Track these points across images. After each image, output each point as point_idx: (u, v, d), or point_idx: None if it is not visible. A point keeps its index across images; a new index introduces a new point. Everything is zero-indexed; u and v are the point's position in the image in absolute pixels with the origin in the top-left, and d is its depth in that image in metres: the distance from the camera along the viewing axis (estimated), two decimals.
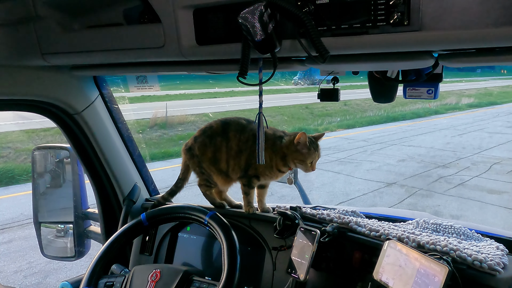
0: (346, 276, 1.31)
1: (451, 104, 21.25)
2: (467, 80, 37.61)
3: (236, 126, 1.49)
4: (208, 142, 1.51)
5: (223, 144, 1.49)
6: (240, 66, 0.90)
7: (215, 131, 1.51)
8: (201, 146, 1.52)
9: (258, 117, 1.07)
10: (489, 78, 40.51)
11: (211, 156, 1.52)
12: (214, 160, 1.52)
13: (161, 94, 19.15)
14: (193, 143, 1.55)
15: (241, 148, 1.48)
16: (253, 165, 1.47)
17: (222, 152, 1.50)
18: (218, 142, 1.50)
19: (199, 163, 1.55)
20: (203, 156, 1.53)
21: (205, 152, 1.52)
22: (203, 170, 1.56)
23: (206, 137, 1.52)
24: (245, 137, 1.47)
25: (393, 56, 0.90)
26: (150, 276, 1.27)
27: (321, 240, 1.29)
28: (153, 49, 1.03)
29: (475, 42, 0.76)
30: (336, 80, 1.35)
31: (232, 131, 1.49)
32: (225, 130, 1.50)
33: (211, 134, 1.51)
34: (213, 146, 1.50)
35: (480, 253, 1.14)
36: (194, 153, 1.55)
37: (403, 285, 1.06)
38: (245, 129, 1.48)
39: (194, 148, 1.54)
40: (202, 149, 1.52)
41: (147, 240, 1.71)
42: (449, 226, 1.43)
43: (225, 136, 1.49)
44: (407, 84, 1.27)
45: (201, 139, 1.53)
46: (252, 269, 1.51)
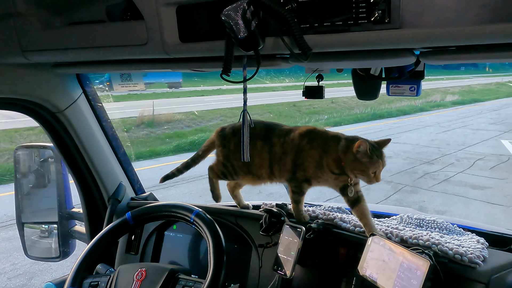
0: (331, 272, 1.33)
1: (436, 102, 21.58)
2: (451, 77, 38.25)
3: (280, 131, 1.41)
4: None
5: (264, 149, 1.40)
6: (223, 64, 0.90)
7: (257, 134, 1.41)
8: (238, 143, 1.36)
9: (242, 115, 1.07)
10: (472, 76, 41.28)
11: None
12: (248, 165, 1.42)
13: (148, 92, 19.02)
14: (230, 136, 1.46)
15: (286, 150, 1.38)
16: (301, 166, 1.37)
17: (263, 158, 1.41)
18: (258, 146, 1.40)
19: (228, 157, 1.47)
20: (237, 154, 1.42)
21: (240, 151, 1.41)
22: (228, 164, 1.48)
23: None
24: (290, 137, 1.38)
25: (375, 53, 0.91)
26: (135, 275, 1.26)
27: (307, 236, 1.30)
28: (136, 46, 1.02)
29: (454, 39, 0.77)
30: (321, 78, 1.36)
31: (276, 137, 1.40)
32: (267, 135, 1.41)
33: (251, 135, 1.33)
34: (251, 149, 1.32)
35: (461, 247, 1.17)
36: (227, 145, 1.46)
37: (386, 279, 1.08)
38: (290, 131, 1.40)
39: (230, 141, 1.45)
40: (238, 148, 1.38)
41: (133, 239, 1.69)
42: (432, 221, 1.45)
43: (268, 142, 1.40)
44: (390, 82, 1.29)
45: (239, 137, 1.38)
46: (238, 267, 1.51)
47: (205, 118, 14.16)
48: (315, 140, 1.36)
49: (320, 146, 1.35)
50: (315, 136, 1.36)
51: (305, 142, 1.36)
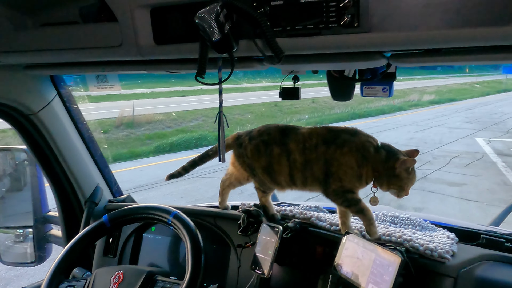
0: (309, 270, 1.35)
1: (413, 101, 22.06)
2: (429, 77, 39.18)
3: (296, 135, 1.30)
4: (263, 149, 1.32)
5: (282, 156, 1.29)
6: (197, 66, 0.91)
7: (272, 139, 1.32)
8: (255, 151, 1.34)
9: (218, 116, 1.07)
10: (448, 76, 42.39)
11: (266, 165, 1.33)
12: (269, 170, 1.34)
13: (128, 93, 18.74)
14: (246, 142, 1.36)
15: (310, 158, 1.26)
16: (335, 175, 1.23)
17: (282, 165, 1.30)
18: (275, 153, 1.30)
19: (250, 165, 1.38)
20: (256, 163, 1.35)
21: (259, 159, 1.34)
22: (255, 173, 1.38)
23: (261, 142, 1.33)
24: (312, 143, 1.26)
25: (347, 56, 0.93)
26: (112, 278, 1.25)
27: (284, 235, 1.32)
28: (110, 48, 1.02)
29: (420, 43, 0.80)
30: (297, 79, 1.38)
31: (292, 141, 1.29)
32: (283, 141, 1.30)
33: (268, 140, 1.32)
34: (268, 156, 1.31)
35: (432, 243, 1.21)
36: (244, 153, 1.37)
37: (360, 275, 1.11)
38: (311, 136, 1.28)
39: (246, 148, 1.36)
40: (256, 155, 1.34)
41: (111, 242, 1.68)
42: (405, 218, 1.50)
43: (285, 148, 1.29)
44: (363, 83, 1.32)
45: (256, 142, 1.34)
46: (217, 267, 1.52)
47: (186, 119, 14.06)
48: (350, 142, 1.24)
49: (359, 150, 1.23)
50: (345, 140, 1.25)
51: (333, 148, 1.24)
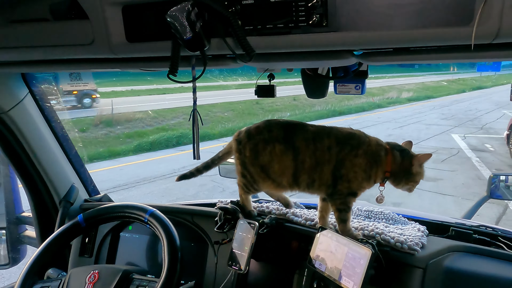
0: (285, 265, 1.37)
1: (392, 98, 22.50)
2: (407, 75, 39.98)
3: (305, 133, 1.24)
4: (262, 148, 1.26)
5: (286, 155, 1.23)
6: (170, 64, 0.91)
7: (274, 137, 1.25)
8: (254, 148, 1.28)
9: (192, 114, 1.08)
10: (426, 74, 43.36)
11: (265, 165, 1.27)
12: (267, 171, 1.28)
13: (107, 91, 18.43)
14: (245, 140, 1.30)
15: (321, 159, 1.21)
16: (345, 177, 1.20)
17: (285, 165, 1.24)
18: (277, 150, 1.24)
19: (244, 163, 1.31)
20: (254, 161, 1.28)
21: (257, 157, 1.27)
22: (245, 173, 1.32)
23: (261, 141, 1.27)
24: (324, 144, 1.21)
25: (317, 54, 0.95)
26: (88, 278, 1.24)
27: (260, 231, 1.34)
28: (82, 46, 1.01)
29: (386, 43, 0.82)
30: (272, 77, 1.40)
31: (300, 140, 1.22)
32: (288, 139, 1.24)
33: (269, 139, 1.26)
34: (268, 155, 1.26)
35: (403, 235, 1.25)
36: (242, 151, 1.31)
37: (334, 269, 1.14)
38: (321, 134, 1.23)
39: (244, 146, 1.30)
40: (254, 153, 1.28)
41: (87, 242, 1.66)
42: (379, 212, 1.54)
43: (290, 146, 1.23)
44: (337, 81, 1.35)
45: (255, 141, 1.28)
46: (195, 264, 1.53)
47: (167, 117, 13.93)
48: (362, 146, 1.21)
49: (370, 154, 1.21)
50: (360, 142, 1.22)
51: (348, 149, 1.20)
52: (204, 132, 12.09)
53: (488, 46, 0.77)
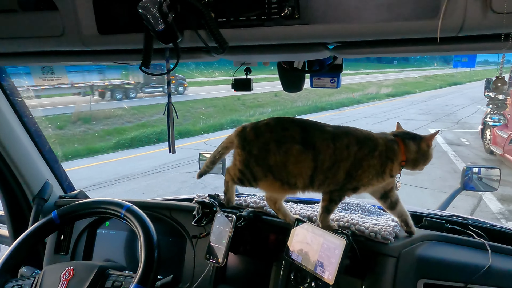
0: (262, 257, 1.39)
1: (372, 94, 22.83)
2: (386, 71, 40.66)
3: (324, 133, 1.20)
4: (274, 148, 1.19)
5: (305, 156, 1.18)
6: (142, 56, 0.90)
7: (291, 137, 1.19)
8: (263, 147, 1.21)
9: (167, 108, 1.07)
10: (404, 70, 44.18)
11: (276, 165, 1.21)
12: (276, 172, 1.21)
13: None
14: (252, 137, 1.22)
15: (339, 159, 1.18)
16: (358, 176, 1.19)
17: (304, 166, 1.19)
18: (294, 151, 1.18)
19: (248, 162, 1.23)
20: (262, 160, 1.21)
21: (266, 157, 1.20)
22: (245, 171, 1.24)
23: (274, 140, 1.20)
24: (343, 144, 1.19)
25: (291, 47, 0.96)
26: (62, 275, 1.22)
27: (238, 224, 1.34)
28: (51, 38, 0.98)
29: (357, 35, 0.84)
30: (249, 71, 1.40)
31: (321, 141, 1.19)
32: (307, 139, 1.19)
33: (284, 138, 1.20)
34: (283, 155, 1.19)
35: (377, 226, 1.28)
36: (248, 148, 1.23)
37: (310, 259, 1.16)
38: (340, 134, 1.21)
39: (251, 143, 1.22)
40: (263, 153, 1.21)
41: (62, 239, 1.63)
42: (355, 204, 1.57)
43: (310, 147, 1.18)
44: (312, 74, 1.37)
45: (266, 140, 1.21)
46: (173, 259, 1.52)
47: (147, 113, 13.75)
48: (378, 147, 1.21)
49: (384, 154, 1.20)
50: (376, 143, 1.21)
51: (366, 150, 1.19)
52: (185, 128, 12.01)
53: (453, 40, 0.79)
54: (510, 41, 0.74)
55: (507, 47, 0.76)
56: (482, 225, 1.43)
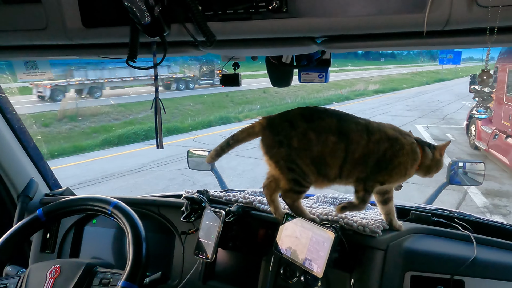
0: (252, 253, 1.39)
1: (359, 91, 23.00)
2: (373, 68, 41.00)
3: (358, 125, 1.20)
4: (315, 138, 1.17)
5: (339, 146, 1.18)
6: (129, 50, 0.89)
7: (327, 126, 1.18)
8: (303, 138, 1.17)
9: (154, 102, 1.06)
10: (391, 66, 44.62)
11: (316, 155, 1.18)
12: (318, 162, 1.19)
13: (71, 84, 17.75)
14: (288, 129, 1.18)
15: (369, 151, 1.19)
16: (389, 171, 1.21)
17: (337, 156, 1.18)
18: (330, 142, 1.17)
19: (289, 156, 1.18)
20: (304, 152, 1.17)
21: (309, 147, 1.17)
22: (293, 166, 1.18)
23: (312, 131, 1.17)
24: (376, 137, 1.20)
25: (279, 41, 0.96)
26: (48, 273, 1.20)
27: (227, 220, 1.34)
28: (35, 31, 0.96)
29: (346, 29, 0.84)
30: (237, 66, 1.40)
31: (355, 132, 1.19)
32: (342, 130, 1.18)
33: (321, 128, 1.18)
34: (321, 145, 1.17)
35: (365, 219, 1.29)
36: (286, 142, 1.18)
37: (299, 253, 1.16)
38: (372, 128, 1.21)
39: (288, 136, 1.17)
40: (304, 144, 1.17)
41: (48, 237, 1.60)
42: (344, 199, 1.58)
43: (344, 138, 1.18)
44: (301, 69, 1.37)
45: (303, 130, 1.17)
46: (162, 255, 1.51)
47: (135, 110, 13.61)
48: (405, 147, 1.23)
49: (410, 155, 1.23)
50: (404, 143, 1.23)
51: (397, 147, 1.21)
52: (174, 125, 11.93)
53: (440, 34, 0.80)
54: (495, 35, 0.75)
55: (492, 41, 0.77)
56: (468, 218, 1.45)
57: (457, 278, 1.14)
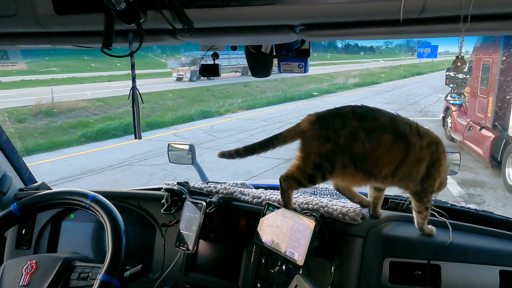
0: (233, 243, 1.39)
1: (340, 84, 23.23)
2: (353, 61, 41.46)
3: (410, 127, 1.19)
4: (364, 136, 1.14)
5: (396, 145, 1.16)
6: (103, 37, 0.87)
7: (381, 125, 1.16)
8: (351, 136, 1.14)
9: (131, 92, 1.04)
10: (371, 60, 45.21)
11: (363, 154, 1.16)
12: (360, 161, 1.16)
13: (46, 78, 17.27)
14: (338, 126, 1.15)
15: (422, 156, 1.18)
16: (432, 176, 1.21)
17: (393, 155, 1.16)
18: (385, 139, 1.15)
19: (331, 153, 1.15)
20: (347, 150, 1.15)
21: (354, 146, 1.15)
22: (325, 164, 1.16)
23: (363, 129, 1.15)
24: (427, 141, 1.19)
25: (258, 30, 0.95)
26: (24, 269, 1.17)
27: (208, 211, 1.33)
28: (4, 18, 0.92)
29: (324, 16, 0.84)
30: (216, 56, 1.38)
31: (410, 134, 1.17)
32: (398, 130, 1.17)
33: (373, 127, 1.15)
34: (373, 143, 1.15)
35: (345, 208, 1.30)
36: (335, 138, 1.14)
37: (280, 242, 1.17)
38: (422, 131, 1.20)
39: (337, 133, 1.14)
40: (350, 141, 1.14)
41: (24, 233, 1.56)
42: (324, 189, 1.59)
43: (403, 138, 1.16)
44: (280, 59, 1.37)
45: (353, 128, 1.15)
46: (143, 248, 1.50)
47: (113, 105, 13.34)
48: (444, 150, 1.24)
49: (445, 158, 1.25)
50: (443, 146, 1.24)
51: (441, 150, 1.22)
52: (154, 120, 11.77)
53: (416, 21, 0.81)
54: (468, 23, 0.77)
55: (465, 29, 0.79)
56: (444, 205, 1.49)
57: (433, 263, 1.17)
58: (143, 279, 1.39)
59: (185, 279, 1.41)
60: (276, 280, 1.30)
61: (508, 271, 1.15)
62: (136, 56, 1.01)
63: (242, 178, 7.16)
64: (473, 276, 1.16)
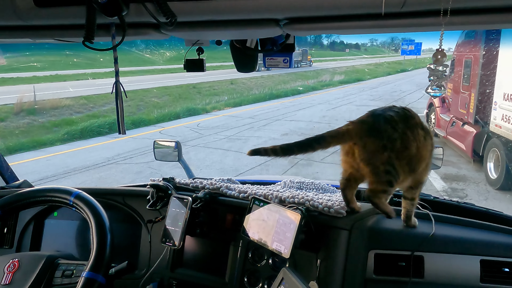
0: (220, 238, 1.39)
1: (325, 81, 23.40)
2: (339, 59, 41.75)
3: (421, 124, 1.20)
4: (411, 135, 1.14)
5: (428, 140, 1.19)
6: (85, 30, 0.85)
7: (416, 123, 1.17)
8: (403, 139, 1.13)
9: (115, 86, 1.02)
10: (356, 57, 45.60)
11: (413, 153, 1.15)
12: (413, 161, 1.16)
13: (28, 76, 16.91)
14: (390, 131, 1.12)
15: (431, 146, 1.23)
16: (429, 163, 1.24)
17: (427, 149, 1.20)
18: (421, 136, 1.16)
19: (390, 159, 1.13)
20: (402, 154, 1.13)
21: (409, 147, 1.14)
22: (390, 169, 1.14)
23: (409, 129, 1.15)
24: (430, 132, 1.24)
25: (242, 23, 0.95)
26: (6, 267, 1.15)
27: (194, 206, 1.33)
28: None
29: (308, 9, 0.85)
30: (201, 51, 1.38)
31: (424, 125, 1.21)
32: (422, 124, 1.19)
33: (412, 125, 1.16)
34: (416, 141, 1.15)
35: (330, 201, 1.32)
36: (389, 146, 1.12)
37: (266, 236, 1.17)
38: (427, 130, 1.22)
39: (391, 138, 1.12)
40: (406, 143, 1.13)
41: (6, 232, 1.53)
42: (310, 183, 1.61)
43: (426, 131, 1.20)
44: (265, 54, 1.37)
45: (403, 130, 1.14)
46: (128, 245, 1.48)
47: (98, 103, 13.15)
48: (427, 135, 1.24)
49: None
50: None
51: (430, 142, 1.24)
52: (139, 118, 11.66)
53: (397, 15, 0.82)
54: (448, 16, 0.78)
55: (445, 22, 0.80)
56: (427, 198, 1.52)
57: (417, 254, 1.19)
58: (129, 276, 1.38)
59: (172, 275, 1.40)
60: (263, 273, 1.30)
61: (488, 260, 1.18)
62: (120, 53, 1.00)
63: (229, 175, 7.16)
64: (455, 266, 1.18)
